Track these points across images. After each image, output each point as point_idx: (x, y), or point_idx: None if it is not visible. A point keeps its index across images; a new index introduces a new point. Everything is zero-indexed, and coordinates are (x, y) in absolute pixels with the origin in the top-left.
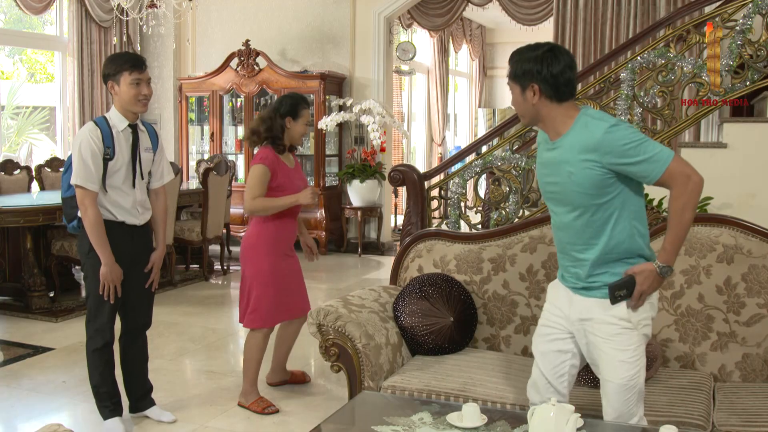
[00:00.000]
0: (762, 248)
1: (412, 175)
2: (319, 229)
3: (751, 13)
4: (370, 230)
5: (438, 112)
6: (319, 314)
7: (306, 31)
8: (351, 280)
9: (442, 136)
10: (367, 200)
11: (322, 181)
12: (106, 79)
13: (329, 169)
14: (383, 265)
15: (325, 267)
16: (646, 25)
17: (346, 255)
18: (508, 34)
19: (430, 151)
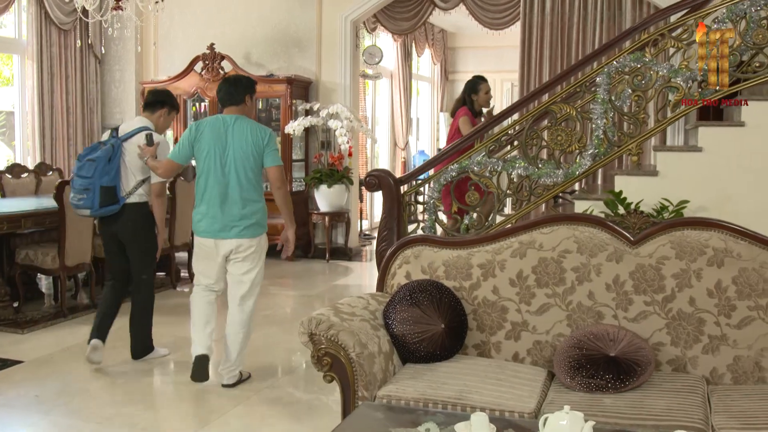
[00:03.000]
0: (751, 251)
1: (388, 180)
2: None
3: (725, 18)
4: (338, 235)
5: (401, 117)
6: (311, 323)
7: (271, 34)
8: (321, 286)
9: (405, 141)
10: (335, 205)
11: (289, 186)
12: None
13: (296, 174)
14: (352, 270)
15: (293, 273)
16: (612, 29)
17: (314, 261)
18: (470, 38)
19: (393, 156)
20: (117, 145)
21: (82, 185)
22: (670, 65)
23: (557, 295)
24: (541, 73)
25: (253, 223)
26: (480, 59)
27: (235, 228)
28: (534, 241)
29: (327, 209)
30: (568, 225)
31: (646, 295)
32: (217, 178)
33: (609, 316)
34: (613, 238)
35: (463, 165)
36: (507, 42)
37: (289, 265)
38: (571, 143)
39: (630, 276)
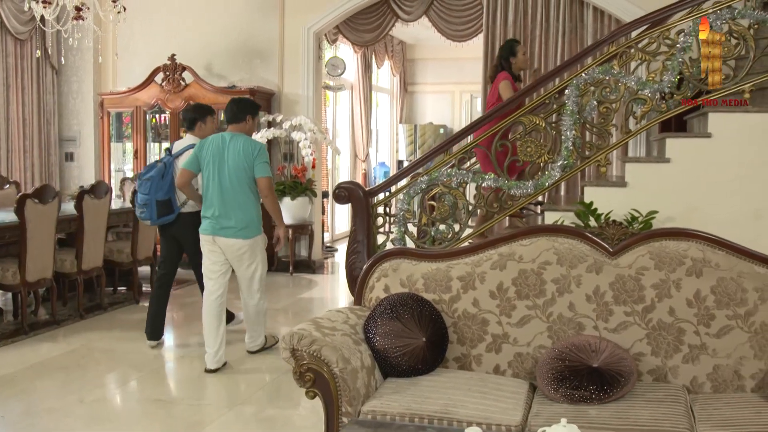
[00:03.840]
0: (729, 261)
1: (357, 192)
2: None
3: (692, 31)
4: (301, 248)
5: (362, 128)
6: (293, 338)
7: (233, 45)
8: (286, 299)
9: (366, 152)
10: (298, 218)
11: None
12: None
13: None
14: (316, 283)
15: None
16: (574, 42)
17: (277, 274)
18: (429, 50)
19: (354, 168)
20: (169, 163)
21: (142, 200)
22: (638, 77)
23: (538, 306)
24: None
25: (245, 227)
26: (439, 71)
27: (231, 229)
28: (514, 253)
29: (290, 222)
30: (547, 237)
31: (626, 305)
32: (216, 187)
33: (590, 327)
34: (593, 249)
35: (432, 177)
36: (466, 54)
37: None
38: (541, 154)
39: (610, 287)
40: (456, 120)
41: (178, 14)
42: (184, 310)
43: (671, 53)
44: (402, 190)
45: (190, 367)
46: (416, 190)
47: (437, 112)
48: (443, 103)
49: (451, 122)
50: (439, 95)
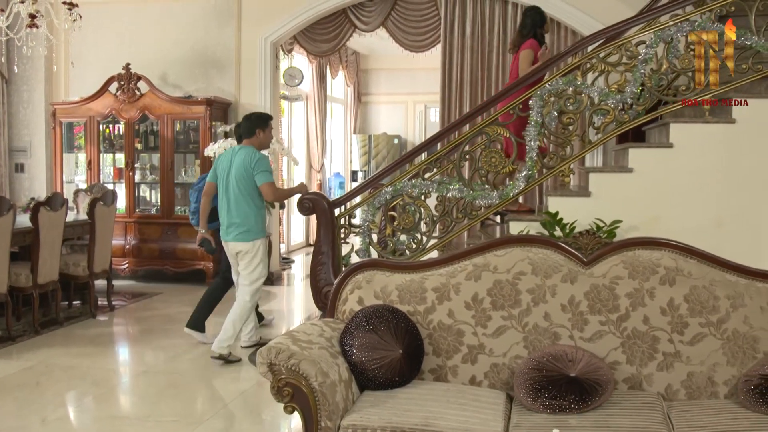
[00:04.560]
0: (701, 270)
1: (322, 203)
2: (206, 260)
3: (653, 43)
4: None
5: (317, 138)
6: (270, 353)
7: (189, 55)
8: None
9: (321, 163)
10: None
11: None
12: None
13: None
14: (275, 295)
15: None
16: None
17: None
18: (383, 60)
19: (309, 178)
20: None
21: (193, 209)
22: (601, 88)
23: (513, 317)
24: (462, 95)
25: (245, 230)
26: (393, 81)
27: (233, 233)
28: (488, 264)
29: None
30: (521, 247)
31: (601, 314)
32: (224, 196)
33: (565, 336)
34: (567, 259)
35: (397, 188)
36: (420, 64)
37: None
38: (506, 165)
39: (585, 296)
40: (410, 131)
41: (133, 23)
42: (141, 324)
43: (633, 65)
44: (366, 201)
45: (152, 382)
46: (381, 200)
47: (391, 123)
48: (397, 114)
49: (405, 133)
50: (392, 106)
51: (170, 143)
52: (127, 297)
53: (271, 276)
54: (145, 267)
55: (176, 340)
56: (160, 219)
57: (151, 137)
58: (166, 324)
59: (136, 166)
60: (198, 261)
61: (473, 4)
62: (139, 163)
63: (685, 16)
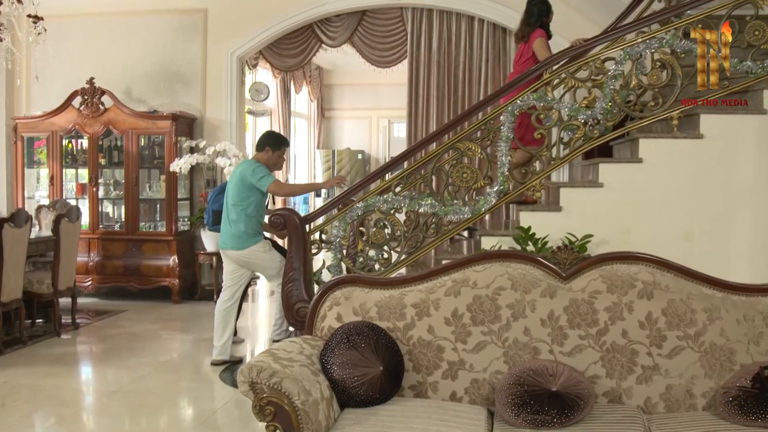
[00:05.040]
0: (678, 283)
1: (293, 218)
2: (172, 276)
3: (622, 59)
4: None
5: None
6: (251, 371)
7: (154, 69)
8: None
9: (285, 178)
10: None
11: (174, 226)
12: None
13: (181, 214)
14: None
15: (180, 316)
16: (497, 69)
17: (200, 303)
18: (346, 75)
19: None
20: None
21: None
22: (572, 104)
23: (493, 332)
24: (429, 110)
25: (237, 237)
26: (356, 96)
27: (227, 242)
28: (468, 279)
29: (214, 249)
30: (500, 262)
31: (580, 329)
32: (225, 206)
33: (545, 351)
34: (546, 274)
35: (369, 203)
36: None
37: (175, 307)
38: (477, 180)
39: (564, 311)
40: (373, 146)
41: (97, 37)
42: (107, 343)
43: (602, 81)
44: (338, 216)
45: (124, 402)
46: (352, 216)
47: (355, 138)
48: (360, 129)
49: (369, 148)
50: (356, 121)
51: (135, 158)
52: (91, 315)
53: None
54: (109, 284)
55: (144, 358)
56: (124, 235)
57: (116, 152)
58: (133, 342)
59: (100, 181)
60: (163, 278)
61: (439, 19)
62: (102, 178)
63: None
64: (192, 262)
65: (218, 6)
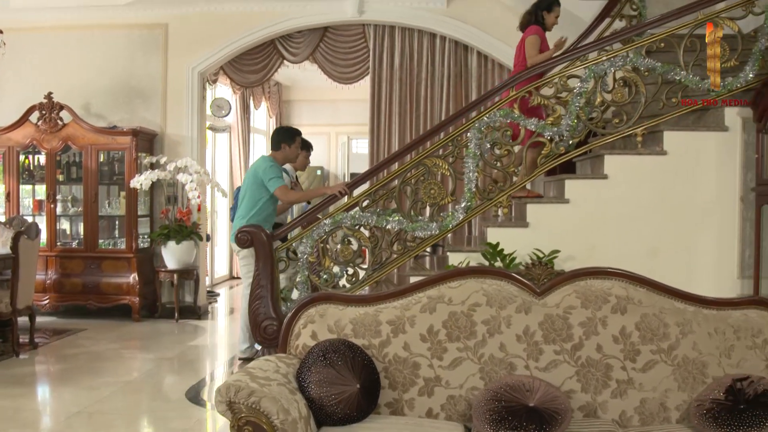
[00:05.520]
0: (650, 298)
1: (260, 235)
2: (132, 294)
3: (588, 77)
4: (185, 294)
5: (241, 170)
6: (229, 390)
7: (113, 84)
8: (178, 347)
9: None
10: (183, 262)
11: (134, 243)
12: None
13: (141, 230)
14: (204, 329)
15: (141, 335)
16: (459, 86)
17: (161, 321)
18: (305, 91)
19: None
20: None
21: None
22: (538, 121)
23: (469, 348)
24: (391, 127)
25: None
26: (315, 112)
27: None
28: (443, 296)
29: (175, 266)
30: (475, 278)
31: (555, 344)
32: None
33: (521, 366)
34: (520, 289)
35: (336, 219)
36: (343, 96)
37: (135, 326)
38: (445, 196)
39: (539, 326)
40: (332, 162)
41: (55, 51)
42: (68, 363)
43: (567, 98)
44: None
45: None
46: (320, 233)
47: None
48: (319, 145)
49: (328, 164)
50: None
51: (94, 174)
52: (49, 334)
53: (199, 310)
54: (67, 302)
55: (107, 378)
56: (83, 252)
57: (74, 168)
58: (95, 362)
59: (58, 198)
60: (123, 296)
61: (402, 36)
62: (60, 195)
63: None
64: (152, 280)
65: (179, 21)
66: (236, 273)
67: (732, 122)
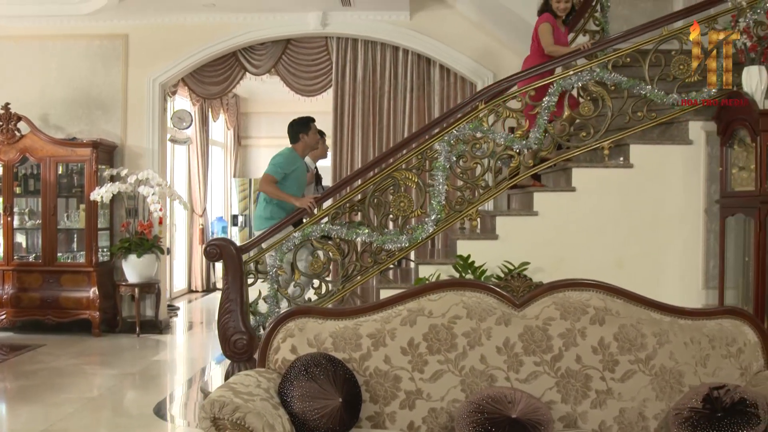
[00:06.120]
0: (627, 309)
1: (230, 248)
2: (92, 309)
3: (555, 91)
4: (146, 308)
5: (199, 182)
6: (213, 406)
7: (73, 95)
8: (141, 362)
9: (203, 207)
10: (145, 276)
11: (94, 257)
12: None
13: (102, 243)
14: (165, 344)
15: (102, 350)
16: (422, 99)
17: (122, 336)
18: (262, 104)
19: (191, 223)
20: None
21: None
22: (507, 134)
23: (450, 361)
24: (354, 140)
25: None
26: (273, 125)
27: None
28: (423, 309)
29: (136, 280)
30: (455, 291)
31: (535, 355)
32: None
33: (501, 378)
34: (500, 302)
35: (306, 232)
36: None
37: (95, 341)
38: (414, 209)
39: (519, 338)
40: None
41: (13, 61)
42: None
43: (536, 112)
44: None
45: None
46: (289, 246)
47: None
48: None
49: None
50: (273, 149)
51: (53, 187)
52: (6, 350)
53: (160, 324)
54: (24, 317)
55: (70, 395)
56: (41, 266)
57: (32, 180)
58: (56, 378)
59: (15, 210)
60: (83, 310)
61: (364, 49)
62: (18, 207)
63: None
64: (113, 294)
65: (140, 32)
66: (195, 286)
67: (696, 136)
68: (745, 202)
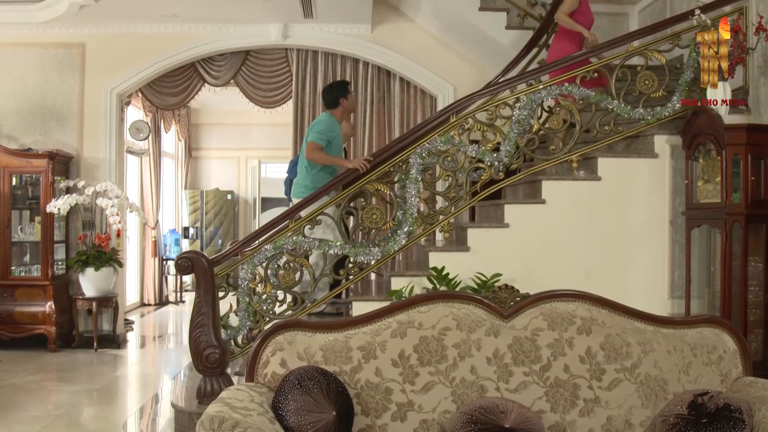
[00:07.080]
0: (613, 318)
1: (201, 261)
2: (48, 323)
3: (525, 105)
4: (103, 322)
5: (152, 194)
6: (213, 422)
7: (26, 105)
8: (102, 378)
9: (156, 219)
10: (102, 290)
11: (50, 270)
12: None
13: (57, 257)
14: (124, 359)
15: (60, 366)
16: (382, 111)
17: (79, 351)
18: (214, 115)
19: (143, 235)
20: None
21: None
22: (478, 147)
23: (441, 372)
24: None
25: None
26: (224, 136)
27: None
28: (413, 321)
29: (94, 294)
30: (444, 303)
31: (524, 365)
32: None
33: (492, 389)
34: (488, 313)
35: (278, 245)
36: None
37: (52, 356)
38: (386, 221)
39: (508, 349)
40: (242, 186)
41: None
42: None
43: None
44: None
45: None
46: (261, 258)
47: (223, 178)
48: (228, 169)
49: (237, 188)
50: (224, 161)
51: (7, 199)
52: None
53: (118, 339)
54: None
55: (36, 412)
56: None
57: None
58: (17, 395)
59: None
60: (39, 325)
61: (324, 61)
62: None
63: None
64: (69, 308)
65: (97, 41)
66: (147, 299)
67: (661, 149)
68: (710, 213)
